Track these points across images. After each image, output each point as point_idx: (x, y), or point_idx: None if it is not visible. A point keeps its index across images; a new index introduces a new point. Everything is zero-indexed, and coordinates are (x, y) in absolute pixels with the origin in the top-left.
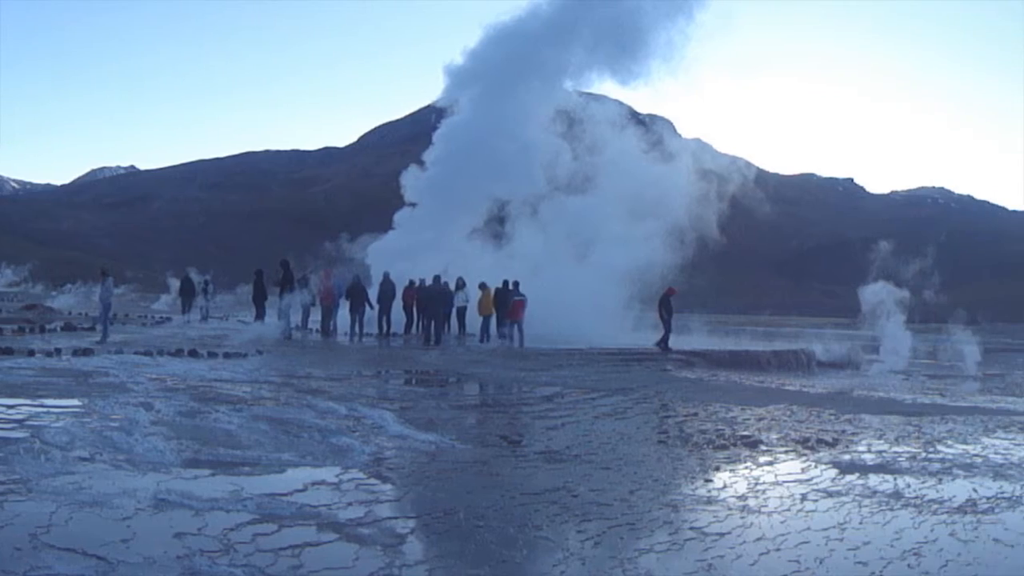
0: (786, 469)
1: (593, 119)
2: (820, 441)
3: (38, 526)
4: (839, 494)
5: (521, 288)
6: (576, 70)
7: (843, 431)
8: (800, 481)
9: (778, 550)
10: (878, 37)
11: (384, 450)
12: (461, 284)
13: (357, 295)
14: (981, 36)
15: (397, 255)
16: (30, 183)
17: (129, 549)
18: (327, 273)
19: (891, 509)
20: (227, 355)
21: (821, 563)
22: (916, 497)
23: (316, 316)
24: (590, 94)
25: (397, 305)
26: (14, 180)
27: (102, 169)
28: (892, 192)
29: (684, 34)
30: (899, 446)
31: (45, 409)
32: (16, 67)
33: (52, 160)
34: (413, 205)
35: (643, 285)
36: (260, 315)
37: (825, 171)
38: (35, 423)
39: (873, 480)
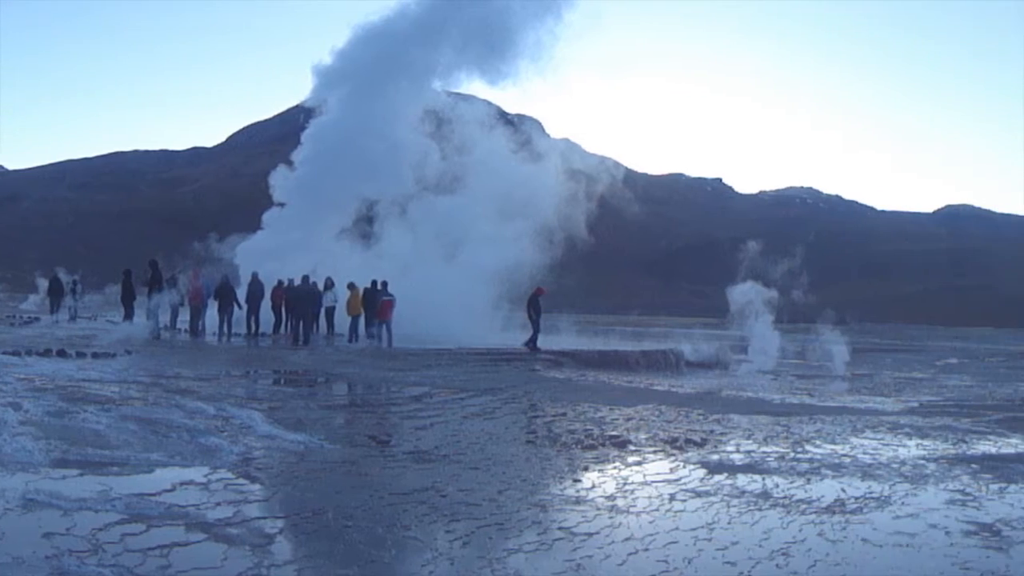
0: (655, 469)
1: (462, 119)
2: (689, 441)
3: None
4: (708, 494)
5: (390, 288)
6: (445, 70)
7: (712, 431)
8: (669, 481)
9: (647, 550)
10: (746, 37)
11: (253, 450)
12: (330, 284)
13: (226, 295)
14: (847, 36)
15: (266, 255)
16: None
17: None
18: (196, 273)
19: (760, 509)
20: (96, 355)
21: (690, 563)
22: (785, 497)
23: (185, 316)
24: (459, 94)
25: (266, 305)
26: None
27: None
28: (760, 192)
29: (553, 34)
30: (768, 446)
31: None
32: None
33: None
34: (282, 205)
35: (512, 285)
36: (129, 315)
37: (694, 171)
38: None
39: (742, 480)
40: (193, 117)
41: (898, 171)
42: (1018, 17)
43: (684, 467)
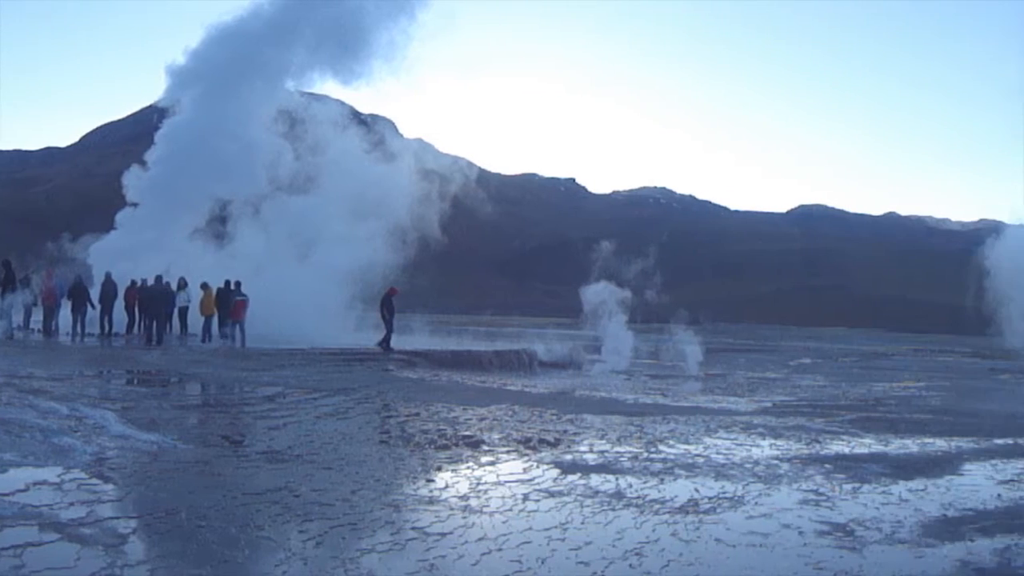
0: (508, 469)
1: (315, 119)
2: (542, 441)
3: None
4: (561, 494)
5: (243, 288)
6: (298, 70)
7: (565, 431)
8: (522, 481)
9: (500, 550)
10: (600, 37)
11: (106, 450)
12: (183, 284)
13: (79, 295)
14: (701, 36)
15: (119, 255)
16: None
17: None
18: (49, 273)
19: (613, 509)
20: None
21: (543, 563)
22: (638, 497)
23: (38, 316)
24: (312, 94)
25: (119, 305)
26: None
27: None
28: (614, 192)
29: (406, 34)
30: (621, 446)
31: None
32: None
33: None
34: (135, 205)
35: (365, 285)
36: None
37: (547, 171)
38: None
39: (595, 480)
40: (46, 117)
41: (752, 171)
42: (871, 18)
43: (537, 467)
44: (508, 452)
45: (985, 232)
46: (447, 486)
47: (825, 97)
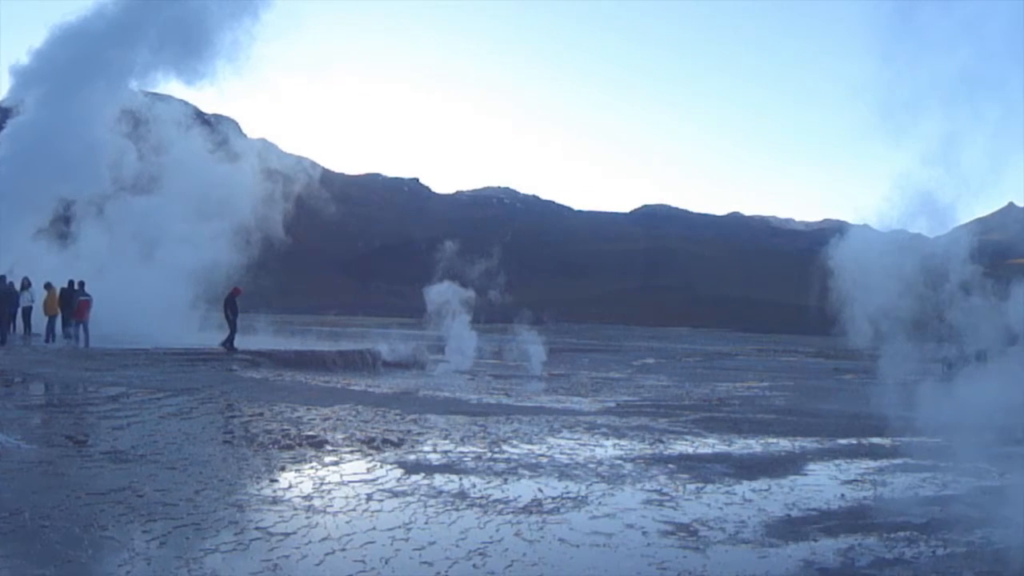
0: (352, 469)
1: (158, 119)
2: (386, 441)
3: None
4: (405, 494)
5: (87, 288)
6: (141, 70)
7: (409, 431)
8: (366, 481)
9: (344, 550)
10: (443, 38)
11: None
12: (26, 284)
13: None
14: (544, 36)
15: None
16: None
17: None
18: None
19: (457, 509)
20: None
21: (387, 563)
22: (482, 497)
23: None
24: (155, 94)
25: None
26: None
27: None
28: (458, 192)
29: (250, 34)
30: (465, 446)
31: None
32: None
33: None
34: None
35: (209, 285)
36: None
37: (391, 171)
38: None
39: (439, 480)
40: None
41: (595, 171)
42: (713, 18)
43: (381, 467)
44: (352, 452)
45: (829, 232)
46: (291, 486)
47: (668, 97)
